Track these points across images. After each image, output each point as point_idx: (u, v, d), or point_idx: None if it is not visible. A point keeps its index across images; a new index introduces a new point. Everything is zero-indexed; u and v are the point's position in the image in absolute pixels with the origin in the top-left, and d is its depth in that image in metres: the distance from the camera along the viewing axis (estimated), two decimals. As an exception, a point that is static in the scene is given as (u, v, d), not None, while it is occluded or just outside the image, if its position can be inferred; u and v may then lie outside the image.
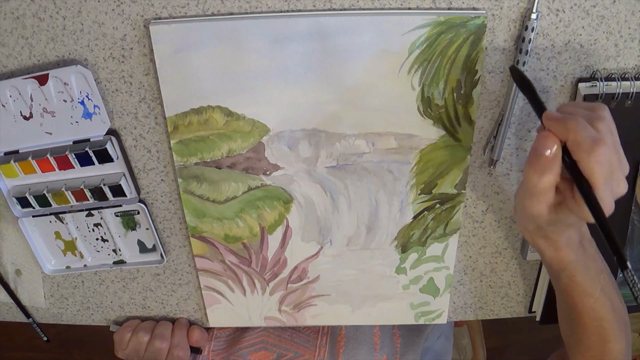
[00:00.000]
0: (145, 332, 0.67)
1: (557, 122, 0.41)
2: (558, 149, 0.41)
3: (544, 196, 0.43)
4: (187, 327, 0.69)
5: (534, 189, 0.43)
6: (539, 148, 0.41)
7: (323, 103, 0.53)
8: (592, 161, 0.39)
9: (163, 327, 0.68)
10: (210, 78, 0.52)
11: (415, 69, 0.51)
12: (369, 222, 0.61)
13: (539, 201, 0.43)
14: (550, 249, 0.48)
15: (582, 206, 0.41)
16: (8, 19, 0.51)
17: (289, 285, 0.66)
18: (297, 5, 0.50)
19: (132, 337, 0.67)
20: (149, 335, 0.66)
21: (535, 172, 0.42)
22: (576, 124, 0.40)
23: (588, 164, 0.39)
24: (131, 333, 0.67)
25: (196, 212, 0.60)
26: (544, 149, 0.41)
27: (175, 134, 0.55)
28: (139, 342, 0.66)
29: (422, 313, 0.67)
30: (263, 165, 0.57)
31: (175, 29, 0.50)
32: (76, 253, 0.66)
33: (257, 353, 0.72)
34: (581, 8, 0.49)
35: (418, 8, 0.50)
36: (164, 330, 0.67)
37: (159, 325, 0.68)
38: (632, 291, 0.40)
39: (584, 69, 0.53)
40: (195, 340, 0.68)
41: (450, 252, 0.62)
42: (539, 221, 0.45)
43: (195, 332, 0.69)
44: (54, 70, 0.52)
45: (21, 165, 0.57)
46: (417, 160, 0.56)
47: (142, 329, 0.67)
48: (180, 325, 0.69)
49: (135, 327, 0.68)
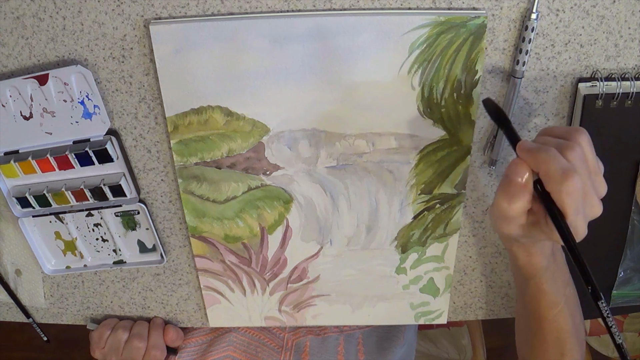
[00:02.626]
0: (124, 330, 0.66)
1: (529, 154, 0.41)
2: (529, 177, 0.41)
3: (515, 220, 0.43)
4: (163, 327, 0.69)
5: (504, 214, 0.43)
6: (510, 175, 0.42)
7: (323, 103, 0.53)
8: (563, 192, 0.39)
9: (141, 326, 0.68)
10: (210, 78, 0.52)
11: (415, 69, 0.51)
12: (369, 222, 0.61)
13: (510, 224, 0.44)
14: (524, 254, 0.49)
15: (555, 231, 0.41)
16: (8, 19, 0.51)
17: (289, 285, 0.66)
18: (297, 5, 0.50)
19: (110, 335, 0.66)
20: (127, 334, 0.66)
21: (506, 197, 0.42)
22: (547, 156, 0.40)
23: (559, 194, 0.40)
24: (110, 331, 0.67)
25: (196, 212, 0.60)
26: (515, 176, 0.41)
27: (175, 134, 0.55)
28: (118, 340, 0.66)
29: (422, 313, 0.67)
30: (263, 165, 0.57)
31: (175, 29, 0.50)
32: (76, 253, 0.66)
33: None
34: (581, 8, 0.49)
35: (418, 8, 0.50)
36: (142, 330, 0.67)
37: (137, 325, 0.68)
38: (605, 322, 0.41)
39: (584, 69, 0.53)
40: (171, 340, 0.68)
41: (450, 252, 0.62)
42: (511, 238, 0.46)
43: (171, 332, 0.68)
44: (54, 70, 0.52)
45: (21, 165, 0.57)
46: (417, 160, 0.56)
47: (121, 327, 0.67)
48: (155, 326, 0.68)
49: (114, 325, 0.68)
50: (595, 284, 0.40)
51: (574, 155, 0.41)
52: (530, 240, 0.47)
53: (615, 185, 0.57)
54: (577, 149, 0.41)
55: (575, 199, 0.40)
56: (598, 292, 0.40)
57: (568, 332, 0.53)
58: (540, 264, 0.50)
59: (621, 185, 0.57)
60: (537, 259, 0.49)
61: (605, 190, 0.44)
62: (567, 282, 0.54)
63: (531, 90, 0.53)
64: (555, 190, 0.40)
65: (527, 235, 0.45)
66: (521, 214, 0.43)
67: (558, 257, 0.52)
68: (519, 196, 0.42)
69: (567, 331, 0.53)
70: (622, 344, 0.40)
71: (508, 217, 0.43)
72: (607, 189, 0.46)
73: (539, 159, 0.41)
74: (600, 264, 0.63)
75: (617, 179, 0.57)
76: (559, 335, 0.53)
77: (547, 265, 0.50)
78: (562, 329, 0.53)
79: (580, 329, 0.56)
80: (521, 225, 0.44)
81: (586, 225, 0.42)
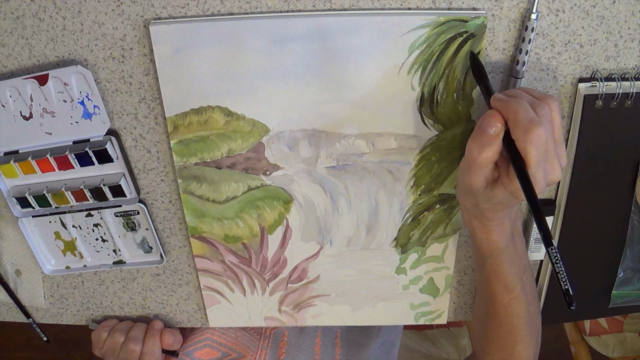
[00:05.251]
0: (121, 333, 0.66)
1: (501, 102, 0.44)
2: (501, 129, 0.43)
3: (482, 170, 0.45)
4: (160, 331, 0.68)
5: (473, 162, 0.45)
6: (483, 125, 0.44)
7: (323, 103, 0.53)
8: (527, 140, 0.42)
9: (138, 329, 0.67)
10: (210, 78, 0.52)
11: (415, 69, 0.51)
12: (369, 222, 0.61)
13: (477, 174, 0.46)
14: (483, 230, 0.51)
15: (515, 182, 0.44)
16: (8, 19, 0.51)
17: (289, 285, 0.66)
18: (297, 6, 0.50)
19: (108, 337, 0.67)
20: (124, 337, 0.66)
21: (477, 146, 0.44)
22: (517, 105, 0.43)
23: (524, 142, 0.42)
24: (107, 333, 0.67)
25: (196, 212, 0.60)
26: (488, 126, 0.43)
27: (175, 134, 0.55)
28: (115, 343, 0.66)
29: (422, 313, 0.67)
30: (263, 165, 0.57)
31: (175, 29, 0.50)
32: (76, 253, 0.66)
33: (202, 350, 0.72)
34: (581, 8, 0.49)
35: (418, 8, 0.50)
36: (138, 333, 0.67)
37: (134, 328, 0.68)
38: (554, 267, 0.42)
39: (584, 69, 0.53)
40: (168, 345, 0.68)
41: (450, 252, 0.62)
42: (475, 196, 0.47)
43: (167, 337, 0.68)
44: (54, 70, 0.52)
45: (21, 165, 0.57)
46: (417, 160, 0.56)
47: (118, 330, 0.67)
48: (152, 331, 0.67)
49: (112, 327, 0.68)
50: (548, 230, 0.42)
51: (542, 112, 0.43)
52: (491, 206, 0.48)
53: (615, 185, 0.57)
54: (546, 108, 0.44)
55: (538, 149, 0.42)
56: (550, 238, 0.42)
57: (523, 320, 0.54)
58: (498, 243, 0.51)
59: (621, 185, 0.57)
60: (495, 237, 0.51)
61: (566, 161, 0.46)
62: (525, 268, 0.54)
63: (531, 91, 0.53)
64: (521, 138, 0.42)
65: (489, 195, 0.46)
66: (489, 163, 0.45)
67: (518, 242, 0.53)
68: (490, 145, 0.44)
69: (521, 318, 0.54)
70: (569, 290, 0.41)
71: (476, 166, 0.45)
72: (607, 188, 0.46)
73: (510, 106, 0.43)
74: (600, 264, 0.63)
75: (617, 179, 0.57)
76: (513, 322, 0.54)
77: (506, 246, 0.51)
78: (516, 316, 0.54)
79: (536, 319, 0.57)
80: (486, 179, 0.46)
81: (545, 184, 0.44)
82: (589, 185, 0.57)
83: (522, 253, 0.54)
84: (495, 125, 0.43)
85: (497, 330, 0.55)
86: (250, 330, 0.75)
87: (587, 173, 0.56)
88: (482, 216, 0.50)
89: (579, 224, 0.59)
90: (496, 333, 0.56)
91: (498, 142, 0.44)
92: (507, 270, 0.52)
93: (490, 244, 0.51)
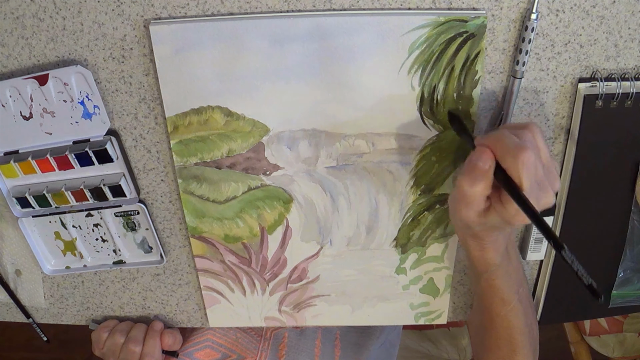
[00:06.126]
0: (121, 334, 0.66)
1: (485, 138, 0.45)
2: (492, 164, 0.44)
3: (474, 204, 0.46)
4: (160, 332, 0.68)
5: (464, 197, 0.45)
6: (473, 159, 0.44)
7: (323, 103, 0.53)
8: (518, 163, 0.42)
9: (138, 330, 0.67)
10: (210, 78, 0.52)
11: (415, 69, 0.51)
12: (369, 222, 0.61)
13: (469, 208, 0.46)
14: (477, 248, 0.51)
15: (507, 207, 0.44)
16: (8, 19, 0.51)
17: (289, 285, 0.66)
18: (297, 6, 0.50)
19: (108, 338, 0.67)
20: (124, 337, 0.66)
21: (468, 181, 0.45)
22: (502, 135, 0.44)
23: (515, 166, 0.42)
24: (107, 334, 0.67)
25: (196, 212, 0.60)
26: (479, 160, 0.44)
27: (175, 134, 0.55)
28: (115, 344, 0.66)
29: (422, 313, 0.67)
30: (263, 165, 0.57)
31: (175, 29, 0.50)
32: (76, 253, 0.66)
33: (202, 351, 0.72)
34: (581, 8, 0.49)
35: (418, 8, 0.50)
36: (138, 334, 0.67)
37: (134, 328, 0.68)
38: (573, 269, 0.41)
39: (584, 69, 0.53)
40: (168, 345, 0.68)
41: (450, 253, 0.62)
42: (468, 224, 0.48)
43: (167, 337, 0.68)
44: (54, 70, 0.52)
45: (21, 165, 0.57)
46: (417, 160, 0.56)
47: (118, 331, 0.67)
48: (153, 332, 0.67)
49: (112, 327, 0.68)
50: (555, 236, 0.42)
51: (525, 137, 0.44)
52: (484, 228, 0.48)
53: (615, 185, 0.57)
54: (528, 134, 0.45)
55: (530, 171, 0.42)
56: (559, 242, 0.42)
57: (520, 330, 0.55)
58: (493, 260, 0.51)
59: (621, 185, 0.57)
60: (490, 254, 0.51)
61: (559, 185, 0.46)
62: (520, 281, 0.55)
63: (531, 91, 0.53)
64: (511, 164, 0.42)
65: (482, 221, 0.47)
66: (480, 198, 0.45)
67: (512, 256, 0.54)
68: (481, 179, 0.44)
69: (519, 329, 0.55)
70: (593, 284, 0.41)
71: (468, 200, 0.45)
72: (607, 188, 0.46)
73: (495, 138, 0.44)
74: (600, 264, 0.63)
75: (617, 179, 0.57)
76: (511, 333, 0.55)
77: (500, 263, 0.52)
78: (514, 327, 0.55)
79: (533, 329, 0.58)
80: (478, 212, 0.46)
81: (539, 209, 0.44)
82: (589, 185, 0.57)
83: (517, 266, 0.55)
84: (486, 159, 0.44)
85: (496, 341, 0.56)
86: (251, 332, 0.75)
87: (587, 173, 0.56)
88: (476, 236, 0.50)
89: (579, 224, 0.59)
90: (494, 343, 0.56)
91: (489, 175, 0.44)
92: (503, 285, 0.53)
93: (485, 260, 0.52)
